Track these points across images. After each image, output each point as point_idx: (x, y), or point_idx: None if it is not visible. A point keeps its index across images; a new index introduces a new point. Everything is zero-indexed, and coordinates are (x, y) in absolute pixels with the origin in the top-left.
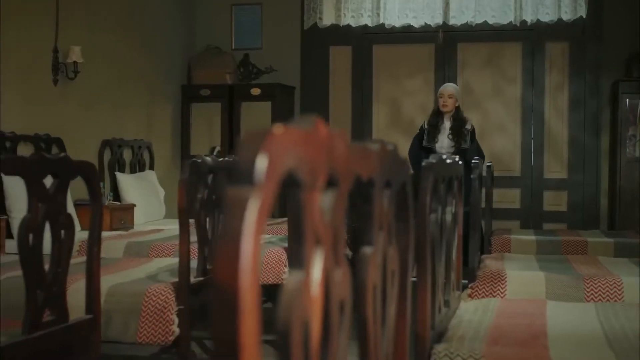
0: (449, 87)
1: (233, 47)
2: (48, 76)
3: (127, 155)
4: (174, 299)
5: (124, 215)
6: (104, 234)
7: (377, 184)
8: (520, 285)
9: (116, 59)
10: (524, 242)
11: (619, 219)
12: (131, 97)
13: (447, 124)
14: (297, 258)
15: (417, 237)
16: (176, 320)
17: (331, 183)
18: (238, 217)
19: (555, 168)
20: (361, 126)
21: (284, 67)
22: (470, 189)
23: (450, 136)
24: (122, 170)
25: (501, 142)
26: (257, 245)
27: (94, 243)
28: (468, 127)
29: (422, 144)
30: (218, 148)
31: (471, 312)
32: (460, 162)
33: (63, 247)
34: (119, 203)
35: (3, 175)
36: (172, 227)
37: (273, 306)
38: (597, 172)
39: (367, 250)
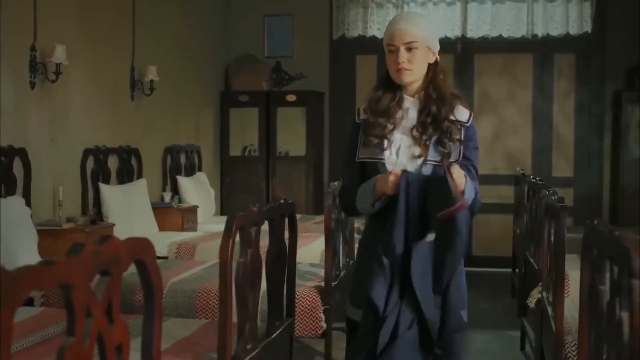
0: (404, 25)
1: (266, 55)
2: (127, 93)
3: (182, 159)
4: (320, 299)
5: (191, 216)
6: (187, 235)
7: None
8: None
9: (174, 72)
10: None
11: (621, 214)
12: (184, 105)
13: (411, 110)
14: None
15: (557, 256)
16: (323, 317)
17: None
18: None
19: (562, 166)
20: None
21: (313, 74)
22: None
23: (421, 137)
24: (179, 174)
25: (515, 142)
26: None
27: (292, 260)
28: (463, 118)
29: (356, 157)
30: (249, 148)
31: (566, 308)
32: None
33: (284, 265)
34: (185, 205)
35: (100, 185)
36: None
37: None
38: (600, 171)
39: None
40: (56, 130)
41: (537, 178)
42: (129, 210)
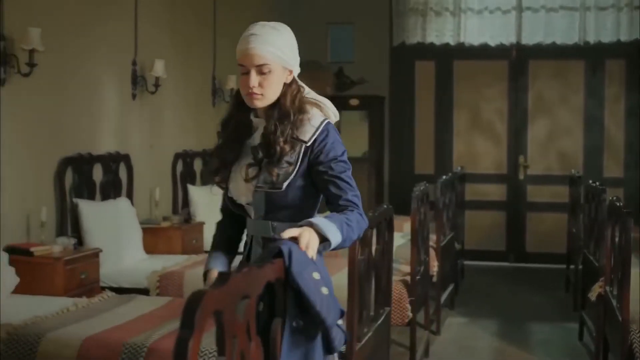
0: (256, 45)
1: (329, 61)
2: (209, 100)
3: None
4: (406, 292)
5: None
6: None
7: None
8: None
9: None
10: None
11: None
12: None
13: (258, 132)
14: None
15: (623, 256)
16: (409, 307)
17: None
18: None
19: (612, 167)
20: (443, 129)
21: (373, 78)
22: None
23: (254, 161)
24: None
25: (567, 144)
26: None
27: (390, 257)
28: (304, 136)
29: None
30: None
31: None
32: None
33: (386, 262)
34: None
35: (189, 186)
36: None
37: None
38: None
39: None
40: (153, 136)
41: (597, 182)
42: (213, 210)
